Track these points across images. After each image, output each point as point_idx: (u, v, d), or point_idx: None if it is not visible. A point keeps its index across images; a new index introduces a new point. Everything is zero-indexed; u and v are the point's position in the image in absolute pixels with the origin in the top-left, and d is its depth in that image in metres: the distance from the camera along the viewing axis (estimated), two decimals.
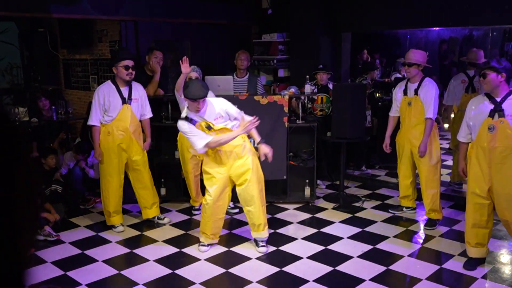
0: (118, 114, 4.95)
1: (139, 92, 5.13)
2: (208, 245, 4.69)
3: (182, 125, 4.30)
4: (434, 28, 7.53)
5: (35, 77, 8.62)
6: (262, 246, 4.63)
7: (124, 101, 4.97)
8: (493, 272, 4.15)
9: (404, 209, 5.61)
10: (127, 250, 4.71)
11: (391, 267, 4.25)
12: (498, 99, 3.94)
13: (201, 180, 5.66)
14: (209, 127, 4.29)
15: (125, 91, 5.00)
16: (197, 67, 5.41)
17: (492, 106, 3.96)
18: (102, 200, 5.17)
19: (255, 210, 4.50)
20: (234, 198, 4.82)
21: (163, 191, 6.02)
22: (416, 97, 5.09)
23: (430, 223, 5.18)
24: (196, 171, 5.58)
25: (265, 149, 4.43)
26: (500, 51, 8.86)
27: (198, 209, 5.71)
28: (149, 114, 5.27)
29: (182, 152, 5.51)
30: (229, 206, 5.38)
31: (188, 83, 4.35)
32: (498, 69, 3.89)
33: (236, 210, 5.69)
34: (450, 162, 6.78)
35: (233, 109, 4.45)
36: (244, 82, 6.37)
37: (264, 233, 4.62)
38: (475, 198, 4.12)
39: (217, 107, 4.36)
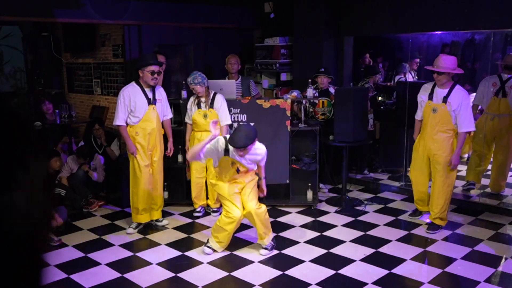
0: (144, 114, 5.05)
1: (161, 93, 5.26)
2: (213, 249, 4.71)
3: (220, 141, 4.44)
4: (437, 32, 7.54)
5: (38, 81, 8.66)
6: (264, 248, 4.68)
7: (149, 102, 5.07)
8: (496, 275, 4.15)
9: (423, 213, 5.50)
10: (130, 254, 4.72)
11: (393, 271, 4.25)
12: None
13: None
14: (237, 170, 4.47)
15: (149, 92, 5.11)
16: (200, 75, 5.41)
17: None
18: (131, 197, 5.23)
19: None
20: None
21: (166, 194, 6.02)
22: (443, 105, 4.86)
23: (433, 227, 5.17)
24: (199, 173, 5.63)
25: (262, 187, 4.71)
26: (502, 55, 8.86)
27: (199, 211, 5.75)
28: (170, 114, 5.41)
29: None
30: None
31: (237, 128, 4.44)
32: None
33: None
34: (464, 173, 6.67)
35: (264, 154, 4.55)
36: (237, 85, 6.41)
37: (264, 241, 4.68)
38: None
39: (255, 154, 4.46)
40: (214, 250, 4.67)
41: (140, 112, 5.04)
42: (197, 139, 5.51)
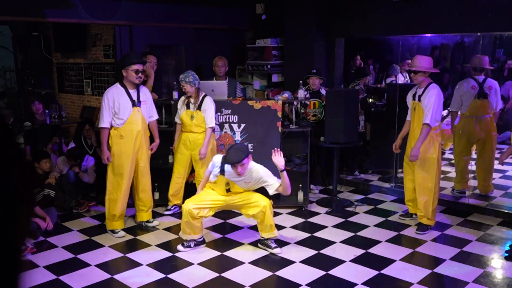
0: (129, 117, 5.00)
1: (146, 94, 5.21)
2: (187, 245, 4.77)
3: (216, 160, 4.58)
4: (427, 35, 7.60)
5: (28, 81, 8.61)
6: (275, 246, 4.74)
7: (134, 104, 5.03)
8: (484, 276, 4.19)
9: (413, 215, 5.54)
10: (120, 255, 4.70)
11: (383, 271, 4.27)
12: None
13: (187, 185, 5.74)
14: (228, 190, 4.57)
15: (134, 93, 5.05)
16: (192, 74, 5.42)
17: None
18: (108, 203, 5.13)
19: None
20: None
21: (156, 195, 6.02)
22: (419, 103, 5.08)
23: (422, 228, 5.21)
24: (181, 174, 5.67)
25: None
26: (492, 57, 8.96)
27: (169, 210, 5.79)
28: (155, 115, 5.37)
29: (175, 153, 5.64)
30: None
31: (232, 146, 4.55)
32: None
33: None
34: (453, 174, 6.70)
35: (269, 179, 4.57)
36: (224, 86, 6.42)
37: (275, 232, 4.75)
38: None
39: (254, 176, 4.52)
40: (188, 246, 4.75)
41: (124, 114, 4.98)
42: (183, 140, 5.53)
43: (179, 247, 4.76)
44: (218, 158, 4.58)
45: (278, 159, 4.43)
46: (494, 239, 5.02)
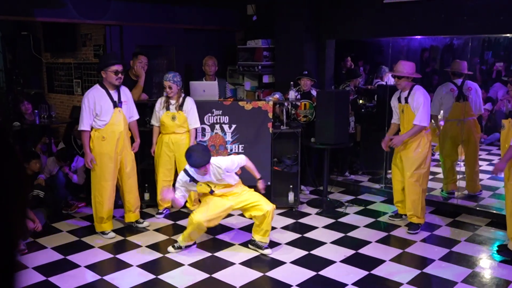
0: (111, 118, 4.95)
1: (126, 94, 5.17)
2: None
3: (181, 176, 4.60)
4: (416, 37, 7.66)
5: (17, 81, 8.54)
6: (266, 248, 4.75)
7: (115, 105, 4.98)
8: (473, 276, 4.23)
9: (403, 216, 5.58)
10: (110, 256, 4.68)
11: (373, 272, 4.30)
12: None
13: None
14: (211, 191, 4.60)
15: (114, 94, 5.00)
16: (176, 74, 5.44)
17: None
18: (94, 206, 5.09)
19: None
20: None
21: (146, 196, 6.01)
22: (407, 105, 5.17)
23: (413, 227, 5.25)
24: (167, 177, 5.62)
25: (261, 185, 4.79)
26: (480, 59, 9.05)
27: (161, 213, 5.75)
28: (136, 115, 5.33)
29: (157, 156, 5.60)
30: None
31: (190, 150, 4.49)
32: None
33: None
34: (442, 175, 6.78)
35: (229, 164, 4.58)
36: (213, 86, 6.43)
37: (267, 238, 4.75)
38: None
39: (221, 169, 4.52)
40: (179, 247, 4.74)
41: (106, 116, 4.93)
42: (165, 142, 5.50)
43: (170, 249, 4.74)
44: (180, 176, 4.61)
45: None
46: (483, 240, 5.07)
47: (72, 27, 7.60)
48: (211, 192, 4.61)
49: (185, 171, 4.55)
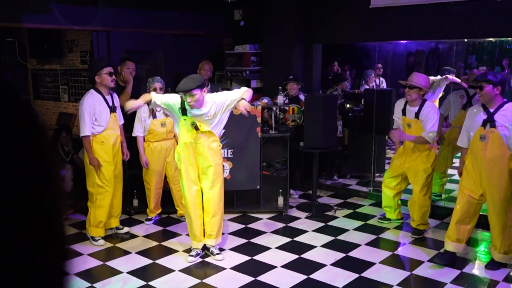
0: (108, 123, 4.97)
1: (116, 99, 5.19)
2: (197, 254, 4.69)
3: (173, 99, 4.46)
4: (402, 41, 7.75)
5: None
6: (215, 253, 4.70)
7: (111, 110, 5.01)
8: (462, 277, 4.28)
9: (391, 220, 5.62)
10: (100, 263, 4.65)
11: (363, 274, 4.32)
12: (492, 110, 4.14)
13: (163, 192, 5.69)
14: (196, 127, 4.41)
15: (109, 99, 5.03)
16: (160, 78, 5.46)
17: (485, 117, 4.16)
18: (94, 211, 5.04)
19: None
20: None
21: (135, 202, 5.97)
22: (416, 121, 5.01)
23: (417, 232, 5.26)
24: (159, 184, 5.60)
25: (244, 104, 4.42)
26: (465, 64, 9.18)
27: (151, 219, 5.73)
28: (122, 120, 5.32)
29: (148, 163, 5.54)
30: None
31: (187, 77, 4.39)
32: (494, 82, 4.08)
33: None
34: None
35: (229, 97, 4.45)
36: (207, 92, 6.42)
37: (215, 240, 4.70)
38: (465, 196, 4.34)
39: (215, 104, 4.41)
40: (197, 254, 4.66)
41: (104, 121, 4.95)
42: (157, 150, 5.45)
43: (190, 258, 4.65)
44: (172, 98, 4.47)
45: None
46: (471, 241, 5.12)
47: (58, 33, 7.54)
48: (196, 128, 4.39)
49: (181, 97, 4.41)
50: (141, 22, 6.86)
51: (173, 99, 4.47)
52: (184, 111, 4.41)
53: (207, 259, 4.68)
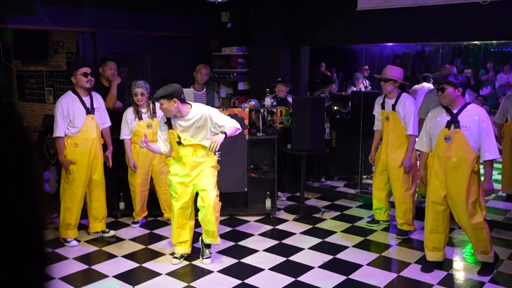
0: (83, 125, 4.90)
1: (99, 101, 5.12)
2: (181, 256, 4.65)
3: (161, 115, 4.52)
4: (389, 44, 7.80)
5: None
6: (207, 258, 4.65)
7: (88, 111, 4.93)
8: (448, 278, 4.30)
9: (380, 222, 5.64)
10: (85, 267, 4.59)
11: (351, 276, 4.33)
12: (455, 111, 4.15)
13: (149, 195, 5.64)
14: (179, 142, 4.37)
15: (87, 100, 4.95)
16: (146, 82, 5.41)
17: (449, 118, 4.16)
18: (63, 212, 5.00)
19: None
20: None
21: (121, 205, 5.91)
22: (393, 113, 5.14)
23: (402, 233, 5.30)
24: (144, 186, 5.55)
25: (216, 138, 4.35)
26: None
27: (137, 222, 5.67)
28: (108, 122, 5.27)
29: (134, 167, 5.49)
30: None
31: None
32: (456, 84, 4.10)
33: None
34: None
35: (218, 119, 4.37)
36: (202, 95, 6.40)
37: (217, 239, 4.66)
38: (434, 205, 4.31)
39: (207, 118, 4.34)
40: (182, 256, 4.65)
41: (79, 123, 4.89)
42: (143, 152, 5.36)
43: (173, 260, 4.63)
44: (161, 117, 4.54)
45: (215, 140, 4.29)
46: (456, 242, 5.17)
47: (43, 34, 7.46)
48: (178, 143, 4.35)
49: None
50: (128, 23, 6.81)
51: (162, 117, 4.49)
52: (169, 124, 4.39)
53: (193, 262, 4.65)
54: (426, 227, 4.44)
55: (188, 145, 4.37)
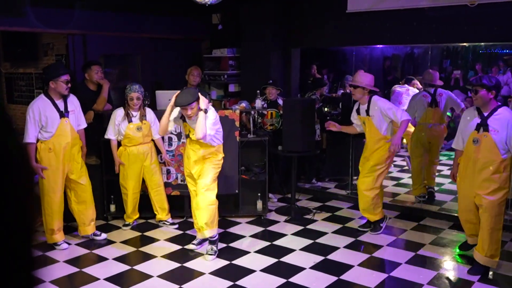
0: (57, 129, 4.82)
1: (74, 103, 5.04)
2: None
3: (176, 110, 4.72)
4: (378, 46, 7.85)
5: None
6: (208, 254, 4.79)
7: (61, 115, 4.86)
8: (438, 278, 4.34)
9: (371, 225, 5.65)
10: (76, 269, 4.56)
11: (342, 277, 4.35)
12: (486, 114, 4.19)
13: (140, 197, 5.64)
14: (187, 136, 4.79)
15: (60, 104, 4.88)
16: (140, 85, 5.40)
17: (479, 120, 4.21)
18: (44, 219, 4.95)
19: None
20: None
21: (112, 207, 5.90)
22: (368, 118, 5.19)
23: (375, 228, 5.41)
24: (136, 188, 5.54)
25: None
26: (439, 67, 9.36)
27: (128, 225, 5.66)
28: (84, 124, 5.19)
29: (125, 168, 5.48)
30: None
31: (182, 91, 4.64)
32: (489, 86, 4.13)
33: (176, 226, 5.67)
34: (406, 180, 7.09)
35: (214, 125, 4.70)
36: None
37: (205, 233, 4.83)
38: (463, 199, 4.49)
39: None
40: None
41: (52, 127, 4.80)
42: (134, 154, 5.39)
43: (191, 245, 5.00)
44: (175, 111, 4.73)
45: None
46: (446, 242, 5.21)
47: (32, 36, 7.42)
48: (187, 136, 4.77)
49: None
50: (118, 25, 6.79)
51: (177, 111, 4.73)
52: (184, 118, 4.72)
53: (184, 264, 4.65)
54: (461, 218, 4.65)
55: (195, 140, 4.68)
